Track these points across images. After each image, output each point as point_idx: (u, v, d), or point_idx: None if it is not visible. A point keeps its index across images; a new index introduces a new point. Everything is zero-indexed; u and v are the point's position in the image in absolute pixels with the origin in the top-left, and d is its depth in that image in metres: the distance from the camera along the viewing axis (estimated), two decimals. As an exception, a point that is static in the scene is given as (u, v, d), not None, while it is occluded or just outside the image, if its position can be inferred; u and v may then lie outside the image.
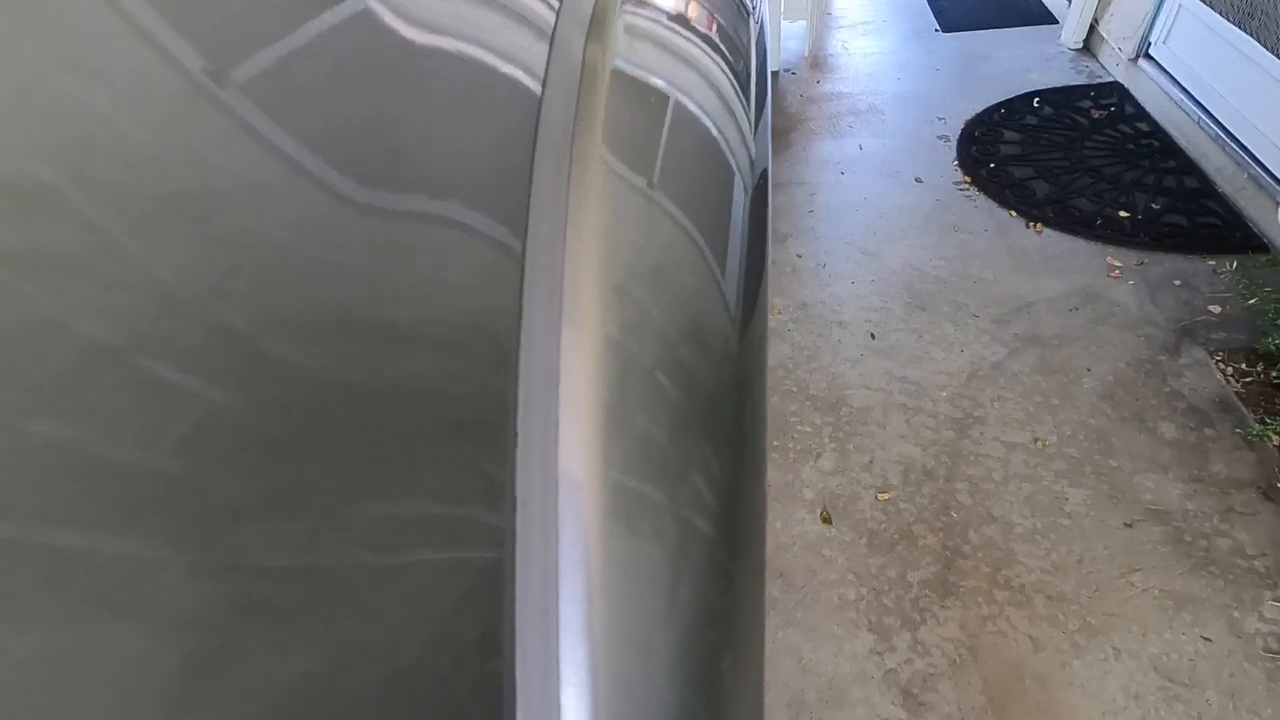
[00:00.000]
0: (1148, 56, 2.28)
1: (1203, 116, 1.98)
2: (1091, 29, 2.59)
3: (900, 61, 2.77)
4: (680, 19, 0.32)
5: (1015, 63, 2.63)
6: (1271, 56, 1.74)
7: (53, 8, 0.17)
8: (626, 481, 0.19)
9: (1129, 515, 1.23)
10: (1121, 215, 1.85)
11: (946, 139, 2.25)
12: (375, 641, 0.15)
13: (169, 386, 0.15)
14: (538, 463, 0.17)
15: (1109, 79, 2.44)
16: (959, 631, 1.11)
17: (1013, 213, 1.92)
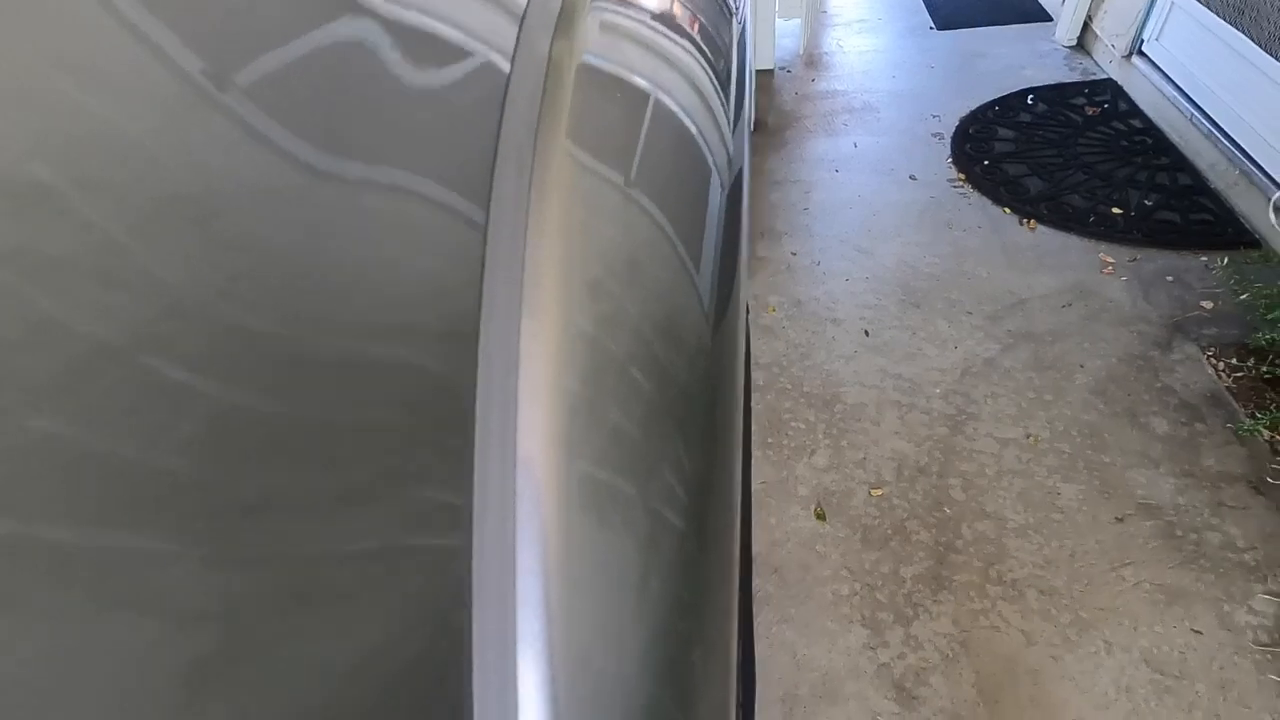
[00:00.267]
0: (1141, 53, 2.28)
1: (1195, 113, 1.99)
2: (1085, 26, 2.59)
3: (895, 59, 2.77)
4: (653, 16, 0.33)
5: (1010, 60, 2.64)
6: (1262, 52, 1.75)
7: None
8: (590, 471, 0.19)
9: (1121, 510, 1.23)
10: (1115, 212, 1.86)
11: (941, 136, 2.25)
12: (330, 630, 0.15)
13: (107, 364, 0.15)
14: (496, 452, 0.17)
15: (1103, 76, 2.44)
16: (951, 626, 1.12)
17: (1006, 210, 1.92)
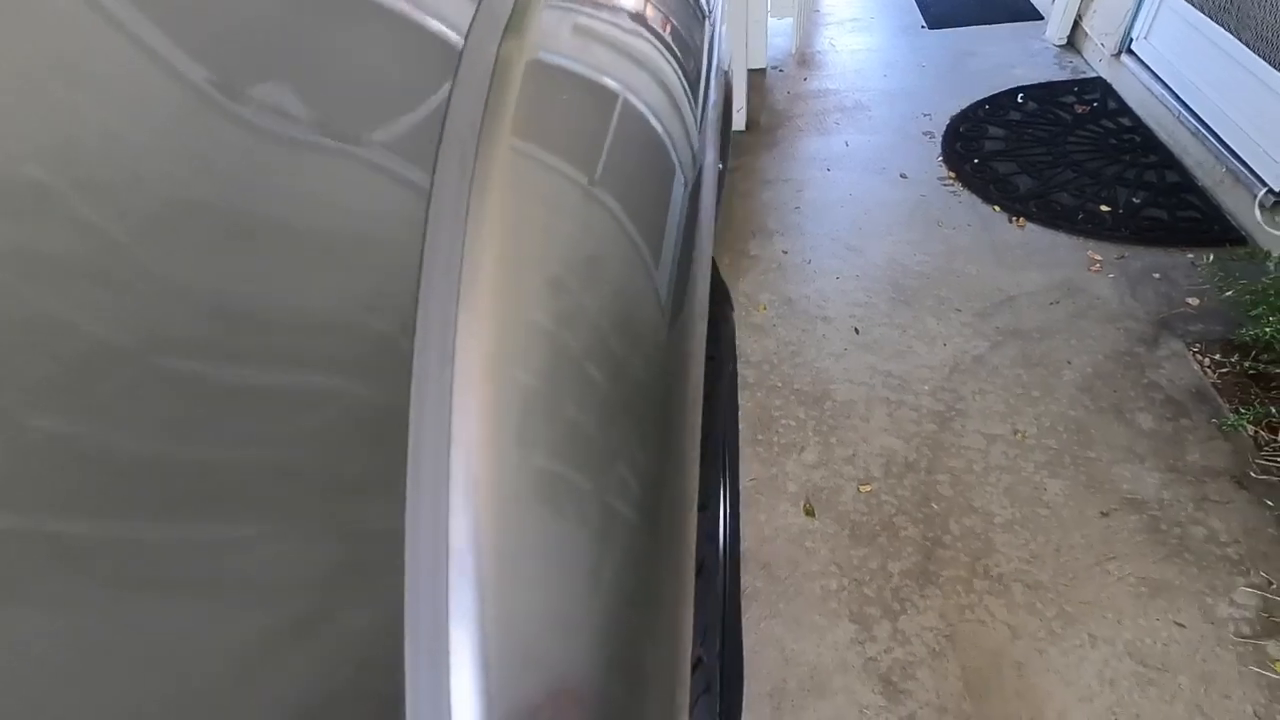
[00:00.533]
0: (1130, 52, 2.30)
1: (1183, 111, 2.00)
2: (1075, 25, 2.61)
3: (887, 58, 2.78)
4: (611, 13, 0.33)
5: (1000, 59, 2.65)
6: (1248, 51, 1.76)
7: None
8: (528, 458, 0.20)
9: (1106, 504, 1.25)
10: (1103, 210, 1.87)
11: (932, 135, 2.27)
12: (257, 618, 0.16)
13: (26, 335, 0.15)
14: (430, 439, 0.18)
15: (1092, 74, 2.46)
16: (938, 620, 1.13)
17: (996, 208, 1.93)
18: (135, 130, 0.17)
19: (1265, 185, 1.68)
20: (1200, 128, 1.93)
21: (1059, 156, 2.08)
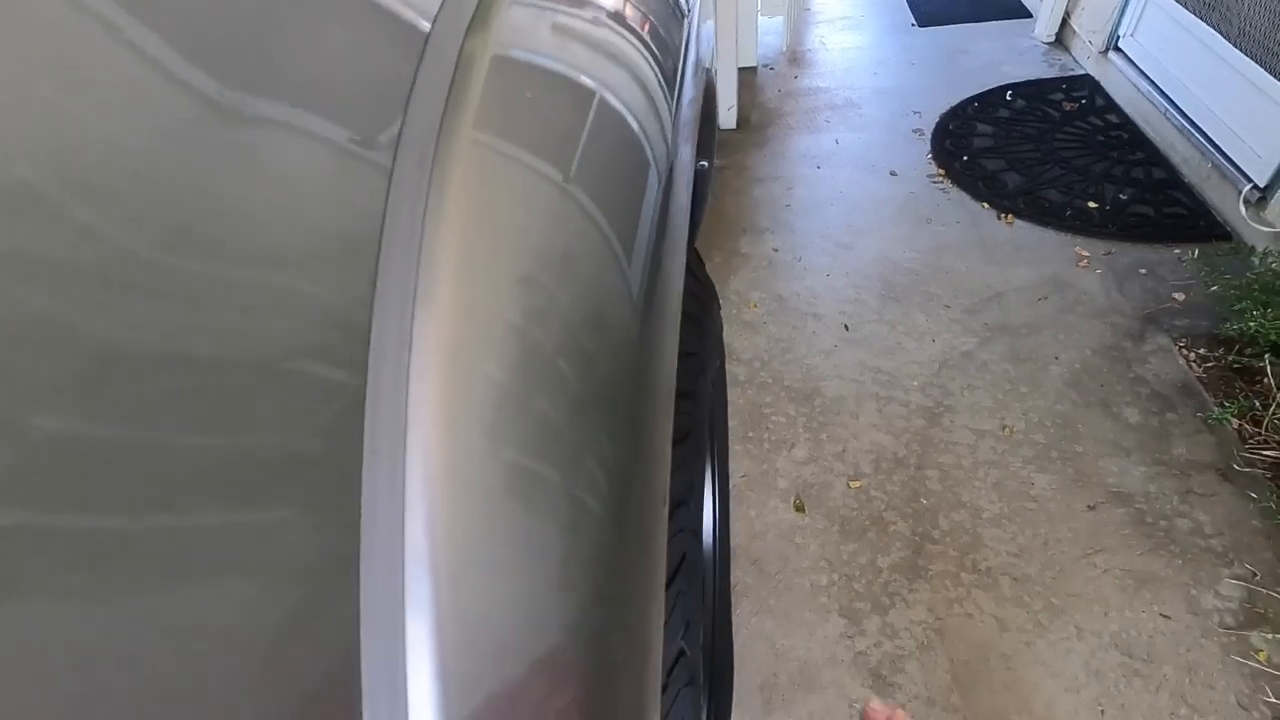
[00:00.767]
0: (1117, 49, 2.31)
1: (1169, 108, 2.02)
2: (1064, 22, 2.62)
3: (877, 56, 2.79)
4: (579, 9, 0.33)
5: (989, 56, 2.66)
6: (1233, 48, 1.77)
7: None
8: (487, 449, 0.20)
9: (1092, 498, 1.26)
10: (1090, 206, 1.89)
11: (921, 132, 2.28)
12: (214, 595, 0.16)
13: None
14: (386, 429, 0.18)
15: (1080, 72, 2.47)
16: (927, 614, 1.13)
17: (985, 204, 1.95)
18: (88, 117, 0.17)
19: (1250, 181, 1.69)
20: (1186, 124, 1.94)
21: (1047, 153, 2.10)
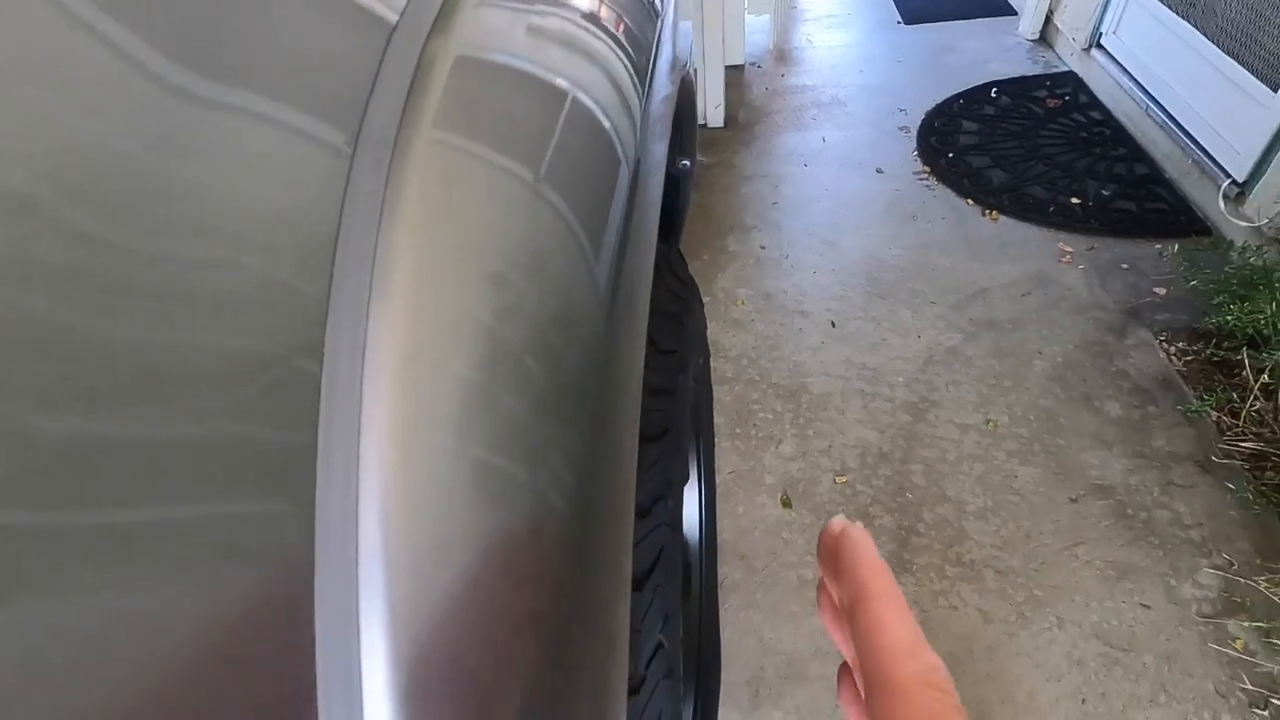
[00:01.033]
0: (1099, 46, 2.33)
1: (1151, 104, 2.04)
2: (1048, 20, 2.64)
3: (864, 54, 2.81)
4: (547, 10, 0.33)
5: (975, 54, 2.68)
6: (1212, 45, 1.80)
7: None
8: (446, 450, 0.20)
9: (1075, 491, 1.27)
10: (1073, 202, 1.91)
11: (907, 130, 2.29)
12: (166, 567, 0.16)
13: None
14: (340, 426, 0.18)
15: (1064, 69, 2.49)
16: (912, 607, 1.14)
17: (970, 201, 1.96)
18: (35, 99, 0.16)
19: (1229, 176, 1.72)
20: (1167, 120, 1.97)
21: (1031, 150, 2.12)
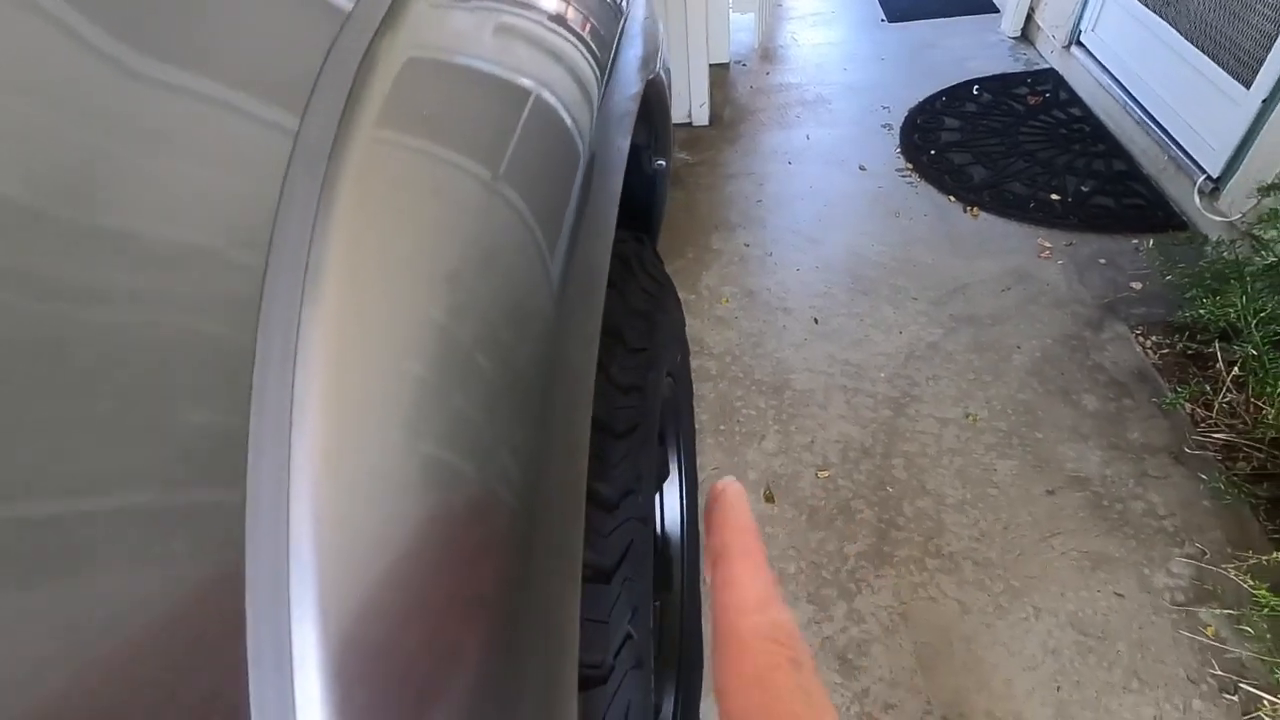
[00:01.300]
0: (1079, 44, 2.36)
1: (1129, 101, 2.06)
2: (1029, 17, 2.67)
3: (848, 52, 2.82)
4: (496, 9, 0.34)
5: (957, 51, 2.70)
6: (1187, 43, 1.82)
7: None
8: (385, 448, 0.21)
9: (1051, 483, 1.29)
10: (1053, 198, 1.93)
11: (890, 127, 2.31)
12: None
13: None
14: (271, 423, 0.18)
15: (1044, 66, 2.52)
16: (892, 599, 1.16)
17: (951, 198, 1.98)
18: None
19: (1204, 172, 1.74)
20: (1145, 117, 1.99)
21: (1012, 147, 2.14)
